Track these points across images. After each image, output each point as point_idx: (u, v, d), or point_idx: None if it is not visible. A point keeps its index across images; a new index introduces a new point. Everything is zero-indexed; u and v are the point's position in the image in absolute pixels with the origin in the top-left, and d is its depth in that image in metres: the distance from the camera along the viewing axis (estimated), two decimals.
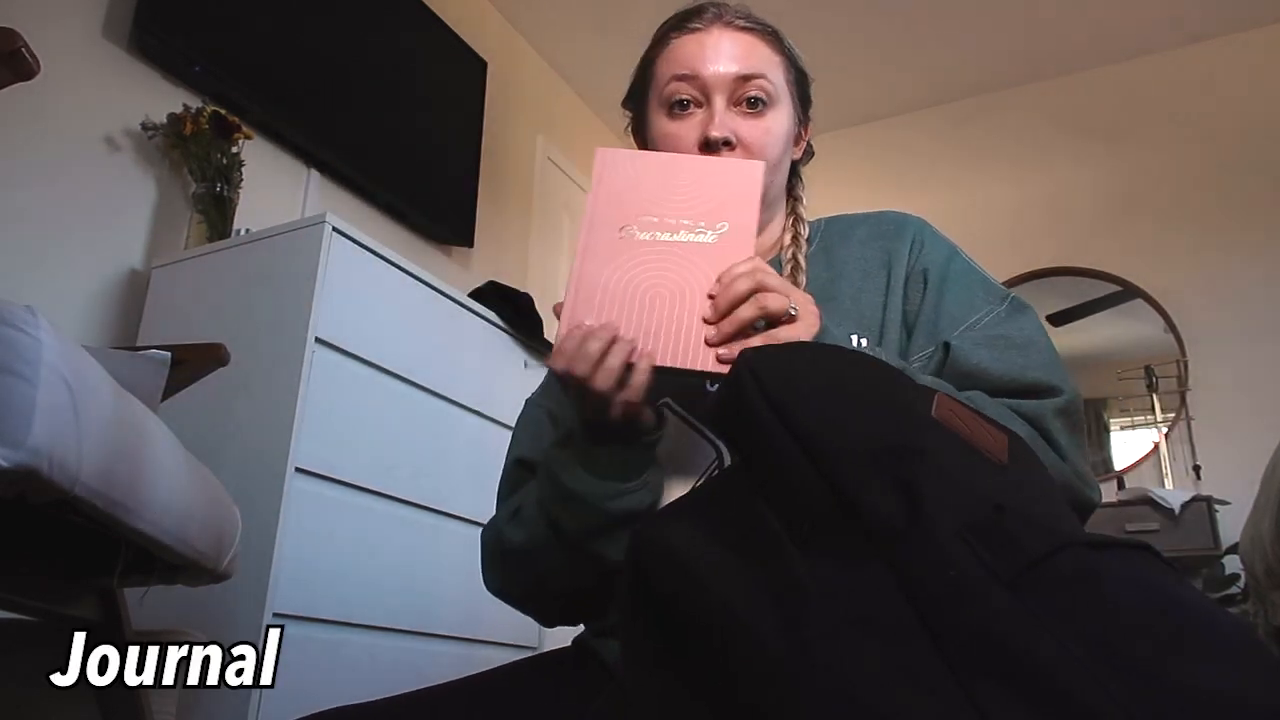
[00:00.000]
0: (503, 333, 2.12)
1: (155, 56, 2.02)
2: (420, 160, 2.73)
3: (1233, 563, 2.60)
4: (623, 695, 0.71)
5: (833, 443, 0.46)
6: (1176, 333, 3.30)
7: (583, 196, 4.18)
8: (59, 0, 1.87)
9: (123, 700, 0.99)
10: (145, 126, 1.96)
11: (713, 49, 0.86)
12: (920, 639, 0.39)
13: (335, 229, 1.69)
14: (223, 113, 1.99)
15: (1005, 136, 3.78)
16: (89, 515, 0.75)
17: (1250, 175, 3.31)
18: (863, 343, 0.81)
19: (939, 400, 0.52)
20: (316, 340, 1.61)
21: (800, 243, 0.90)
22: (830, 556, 0.43)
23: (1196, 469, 3.13)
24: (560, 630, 0.93)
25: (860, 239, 0.90)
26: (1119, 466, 3.30)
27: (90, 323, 1.83)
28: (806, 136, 0.95)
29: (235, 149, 1.99)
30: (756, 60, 0.86)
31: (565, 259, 3.57)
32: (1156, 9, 3.36)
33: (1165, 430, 3.24)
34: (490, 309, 2.10)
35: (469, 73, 3.02)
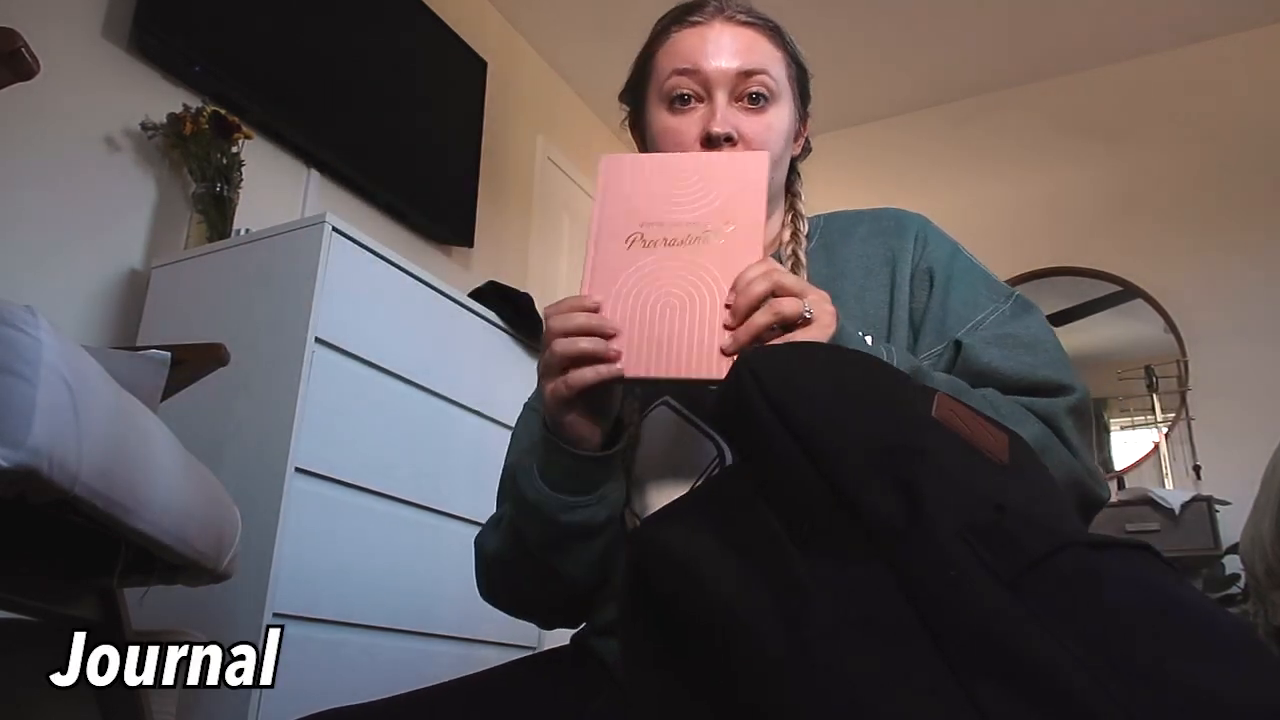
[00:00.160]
0: (503, 333, 2.12)
1: (155, 56, 2.02)
2: (420, 160, 2.73)
3: (1233, 563, 2.60)
4: (623, 695, 0.72)
5: (833, 442, 0.46)
6: (1176, 333, 3.30)
7: (583, 197, 4.17)
8: (59, 0, 1.87)
9: (123, 700, 0.99)
10: (145, 126, 1.96)
11: (714, 43, 0.85)
12: (920, 639, 0.39)
13: (335, 229, 1.69)
14: (223, 113, 1.99)
15: (1005, 136, 3.77)
16: (89, 515, 0.75)
17: (1250, 175, 3.31)
18: (867, 340, 0.81)
19: (939, 400, 0.52)
20: (316, 340, 1.61)
21: (800, 239, 0.89)
22: (830, 556, 0.43)
23: (1196, 469, 3.13)
24: (560, 630, 0.93)
25: (861, 236, 0.89)
26: (1119, 466, 3.30)
27: (90, 323, 1.83)
28: (805, 132, 0.95)
29: (235, 149, 1.99)
30: (758, 55, 0.86)
31: (565, 259, 3.56)
32: (1156, 9, 3.36)
33: (1165, 430, 3.24)
34: (490, 309, 2.10)
35: (469, 73, 3.02)
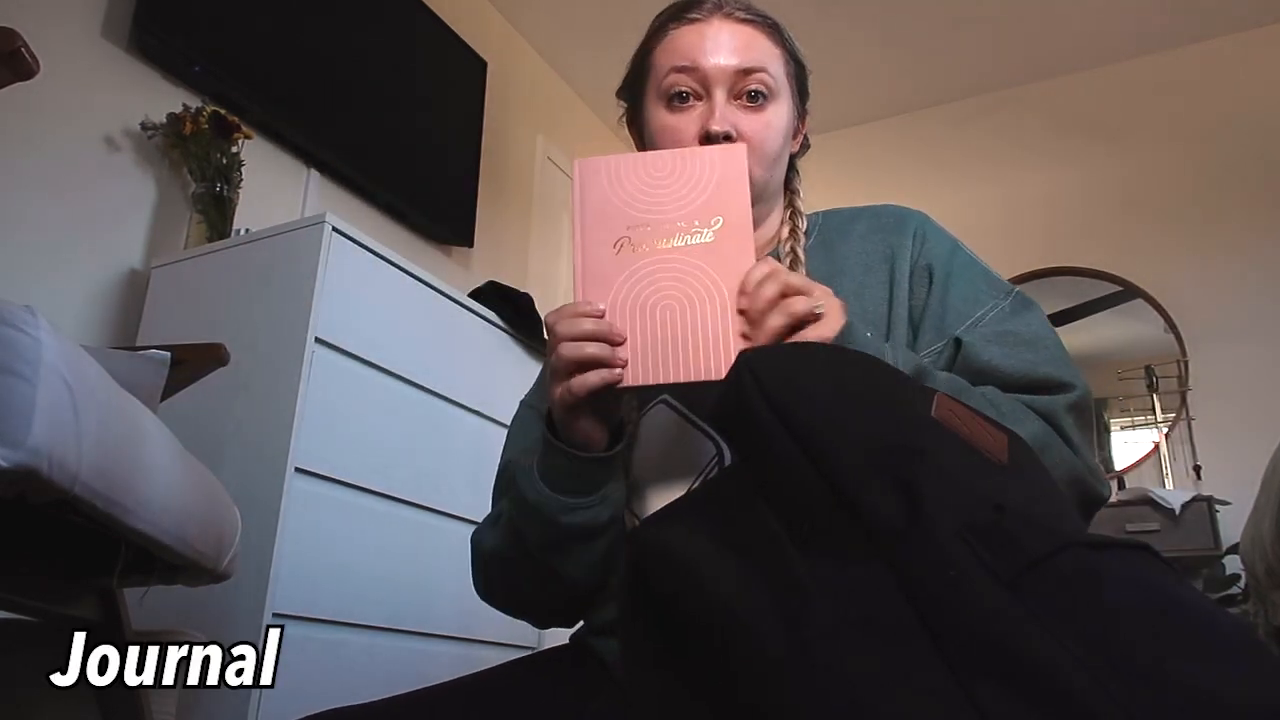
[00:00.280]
0: (503, 333, 2.12)
1: (155, 56, 2.02)
2: (420, 160, 2.73)
3: (1233, 563, 2.60)
4: (623, 695, 0.71)
5: (833, 442, 0.46)
6: (1176, 333, 3.30)
7: None
8: (59, 0, 1.87)
9: (123, 700, 0.99)
10: (145, 126, 1.96)
11: (713, 40, 0.85)
12: (920, 639, 0.39)
13: (335, 229, 1.69)
14: (222, 112, 1.99)
15: (1005, 136, 3.77)
16: (88, 515, 0.75)
17: (1251, 175, 3.31)
18: (868, 336, 0.81)
19: (938, 400, 0.52)
20: (316, 340, 1.61)
21: (798, 236, 0.89)
22: (830, 556, 0.43)
23: (1197, 469, 3.13)
24: (559, 630, 0.93)
25: (860, 233, 0.89)
26: (1119, 466, 3.30)
27: (90, 323, 1.83)
28: (804, 130, 0.94)
29: (235, 149, 1.99)
30: (757, 53, 0.85)
31: (565, 259, 3.56)
32: (1156, 9, 3.36)
33: (1165, 430, 3.24)
34: (490, 309, 2.10)
35: (469, 73, 3.02)
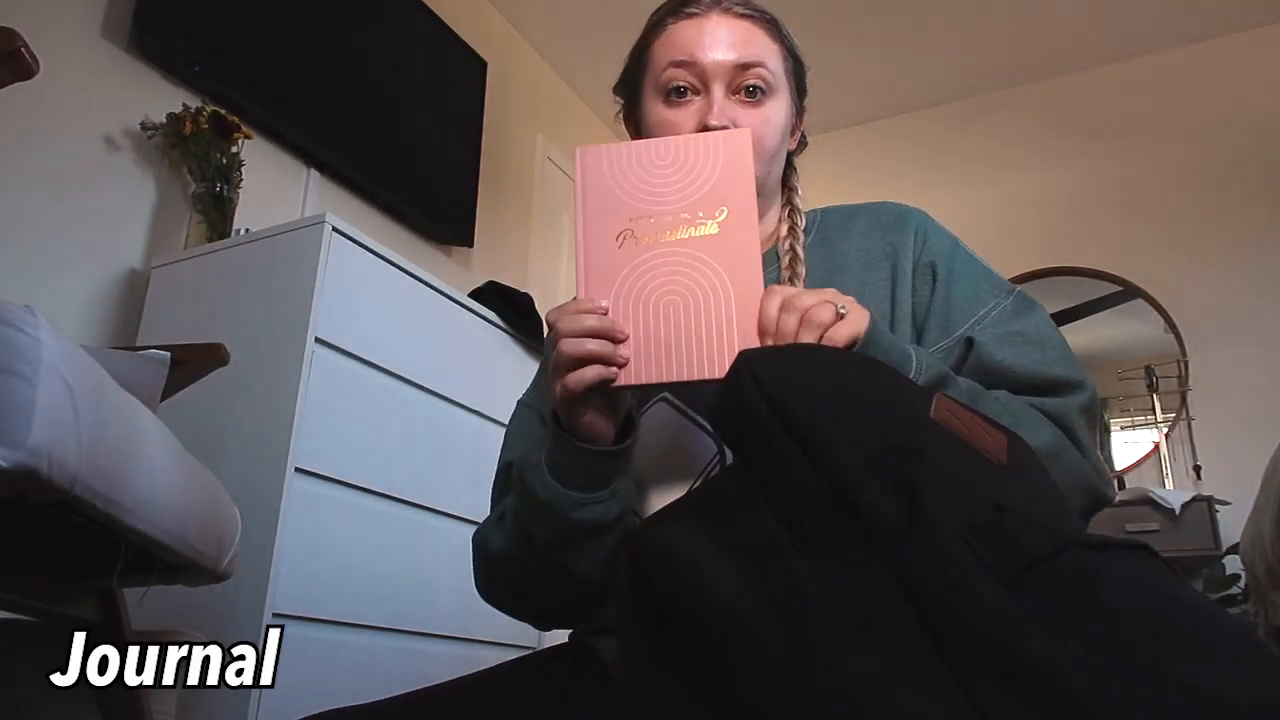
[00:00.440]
0: (503, 333, 2.12)
1: (155, 56, 2.02)
2: (420, 160, 2.73)
3: (1233, 563, 2.60)
4: (623, 695, 0.71)
5: (832, 443, 0.46)
6: (1176, 333, 3.30)
7: None
8: (59, 0, 1.87)
9: (123, 700, 0.99)
10: (145, 126, 1.96)
11: (711, 35, 0.84)
12: (920, 639, 0.39)
13: (335, 229, 1.69)
14: (222, 112, 1.99)
15: (1005, 136, 3.77)
16: (88, 515, 0.75)
17: (1251, 175, 3.31)
18: (892, 336, 0.80)
19: (938, 401, 0.52)
20: (316, 340, 1.61)
21: (797, 233, 0.89)
22: (830, 557, 0.43)
23: (1197, 469, 3.13)
24: (558, 630, 0.93)
25: (860, 230, 0.89)
26: (1119, 466, 3.30)
27: (90, 323, 1.83)
28: (802, 127, 0.94)
29: (235, 149, 1.99)
30: (756, 48, 0.85)
31: (565, 259, 3.56)
32: (1156, 9, 3.36)
33: (1165, 430, 3.24)
34: (490, 309, 2.10)
35: (469, 73, 3.02)
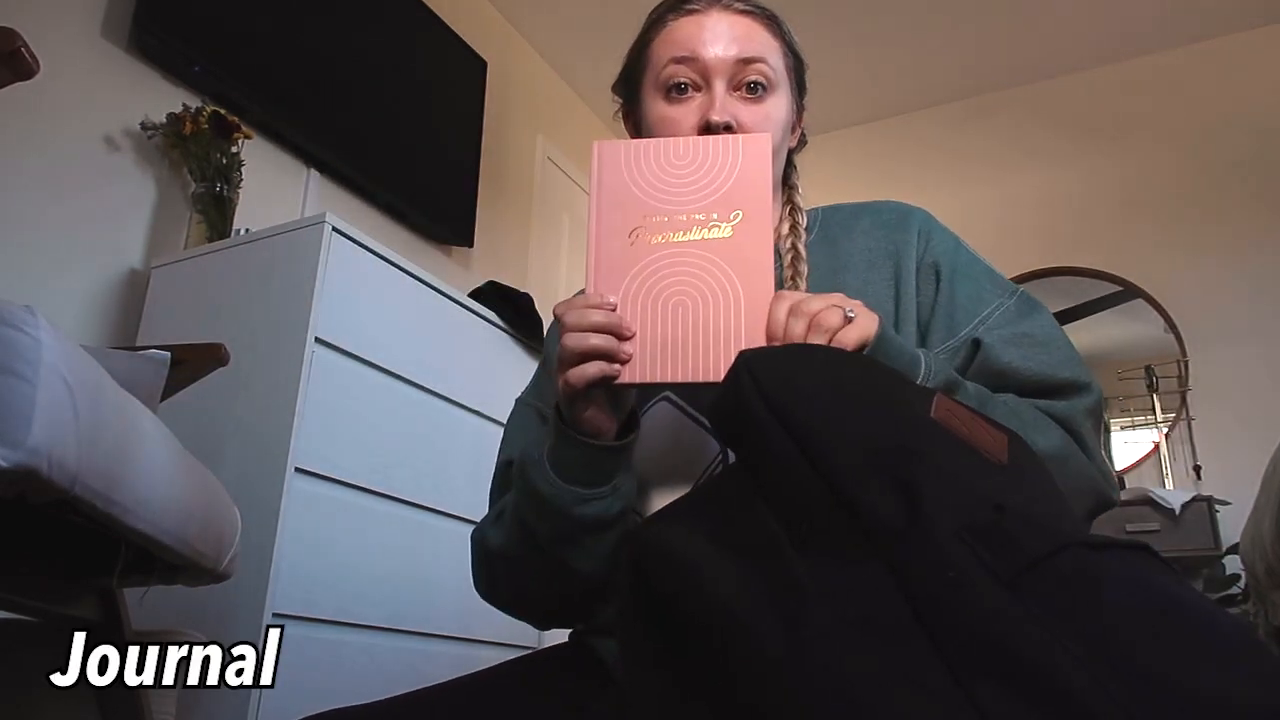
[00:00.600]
0: (503, 333, 2.12)
1: (155, 56, 2.02)
2: (420, 160, 2.73)
3: (1233, 563, 2.60)
4: (622, 695, 0.71)
5: (831, 443, 0.46)
6: (1176, 333, 3.30)
7: (583, 196, 4.16)
8: (59, 0, 1.87)
9: (123, 700, 0.99)
10: (145, 126, 1.96)
11: (711, 31, 0.84)
12: (919, 639, 0.39)
13: (335, 229, 1.69)
14: (222, 112, 1.99)
15: (1004, 137, 3.77)
16: (88, 515, 0.75)
17: (1250, 175, 3.31)
18: (901, 340, 0.80)
19: (937, 401, 0.52)
20: (316, 340, 1.61)
21: (799, 232, 0.89)
22: (829, 556, 0.43)
23: (1197, 469, 3.13)
24: (559, 630, 0.92)
25: (863, 229, 0.89)
26: (1119, 466, 3.30)
27: (90, 323, 1.83)
28: (801, 125, 0.94)
29: (235, 149, 1.99)
30: (756, 44, 0.85)
31: (565, 259, 3.56)
32: (1157, 9, 3.36)
33: (1165, 430, 3.24)
34: (490, 309, 2.10)
35: (469, 73, 3.02)
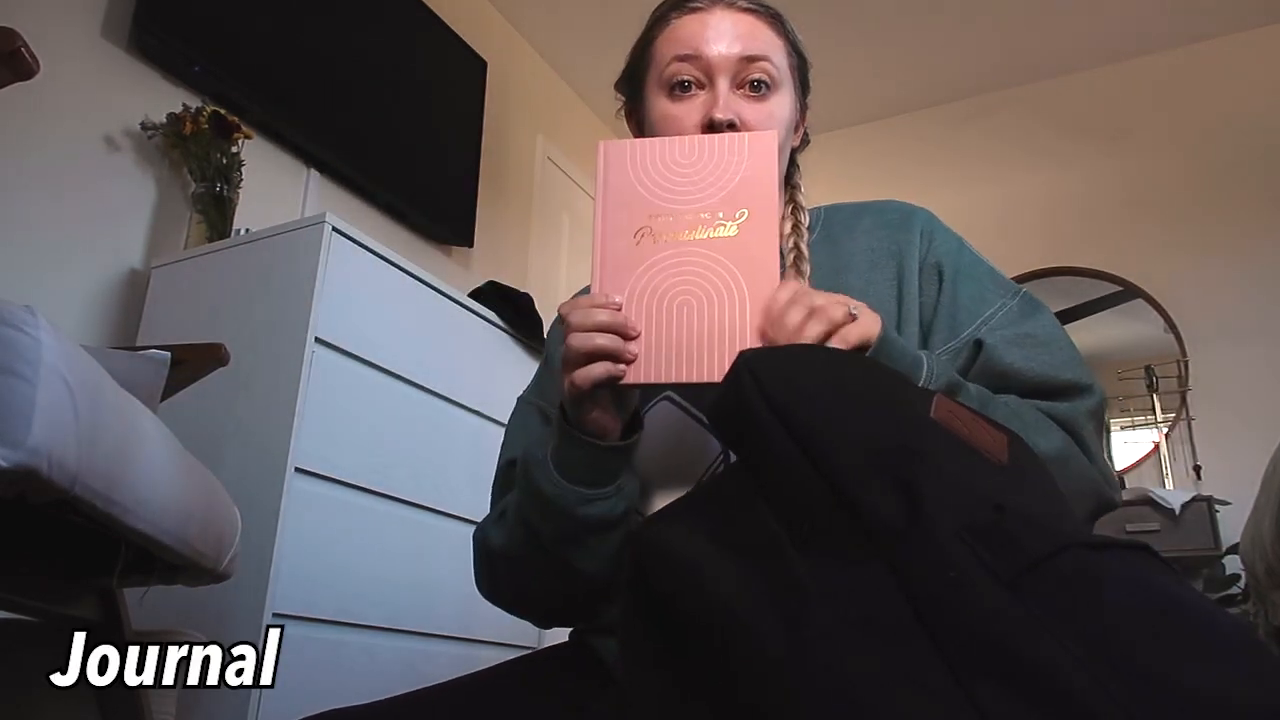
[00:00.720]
0: (503, 333, 2.12)
1: (155, 56, 2.02)
2: (420, 160, 2.73)
3: (1233, 563, 2.60)
4: (623, 695, 0.71)
5: (832, 443, 0.46)
6: (1176, 333, 3.30)
7: (583, 196, 4.15)
8: (59, 0, 1.87)
9: (123, 700, 0.99)
10: (145, 126, 1.96)
11: (715, 29, 0.84)
12: (920, 639, 0.39)
13: (335, 229, 1.69)
14: (222, 112, 1.99)
15: (1005, 137, 3.77)
16: (88, 515, 0.75)
17: (1251, 175, 3.31)
18: (904, 343, 0.80)
19: (938, 401, 0.52)
20: (316, 340, 1.61)
21: (801, 231, 0.89)
22: (830, 557, 0.43)
23: (1197, 469, 3.13)
24: (559, 630, 0.93)
25: (866, 229, 0.89)
26: (1119, 466, 3.30)
27: (90, 323, 1.83)
28: (804, 124, 0.94)
29: (235, 149, 1.99)
30: (760, 42, 0.85)
31: (565, 259, 3.56)
32: (1156, 9, 3.36)
33: (1165, 430, 3.24)
34: (490, 309, 2.10)
35: (469, 73, 3.02)
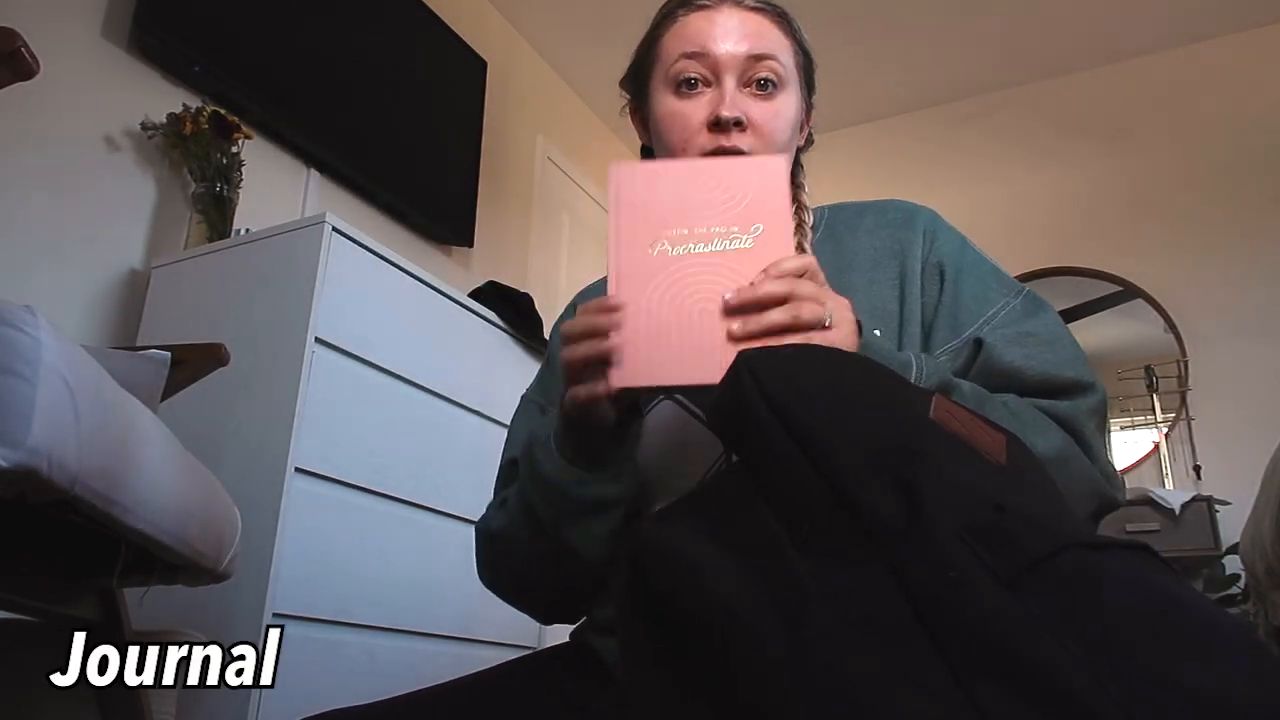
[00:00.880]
0: (503, 333, 2.12)
1: (155, 56, 2.02)
2: (420, 160, 2.73)
3: (1233, 563, 2.60)
4: (622, 695, 0.71)
5: (832, 443, 0.46)
6: (1176, 333, 3.31)
7: (583, 197, 4.15)
8: (59, 0, 1.87)
9: (123, 700, 0.99)
10: (145, 126, 1.96)
11: (723, 27, 0.84)
12: (920, 639, 0.39)
13: (335, 229, 1.69)
14: (222, 113, 1.99)
15: (1005, 136, 3.77)
16: (88, 515, 0.75)
17: (1250, 175, 3.31)
18: (875, 334, 0.80)
19: (937, 402, 0.52)
20: (316, 340, 1.61)
21: (805, 230, 0.89)
22: (830, 557, 0.43)
23: (1197, 469, 3.13)
24: (559, 630, 0.93)
25: (868, 228, 0.89)
26: (1119, 466, 3.29)
27: (90, 323, 1.83)
28: (809, 124, 0.94)
29: (235, 149, 1.99)
30: (768, 41, 0.85)
31: (565, 259, 3.56)
32: (1156, 9, 3.36)
33: (1165, 430, 3.24)
34: (490, 309, 2.10)
35: (469, 73, 3.02)
